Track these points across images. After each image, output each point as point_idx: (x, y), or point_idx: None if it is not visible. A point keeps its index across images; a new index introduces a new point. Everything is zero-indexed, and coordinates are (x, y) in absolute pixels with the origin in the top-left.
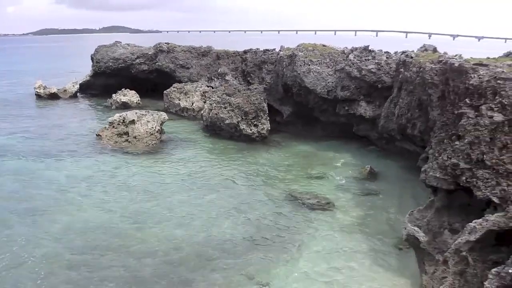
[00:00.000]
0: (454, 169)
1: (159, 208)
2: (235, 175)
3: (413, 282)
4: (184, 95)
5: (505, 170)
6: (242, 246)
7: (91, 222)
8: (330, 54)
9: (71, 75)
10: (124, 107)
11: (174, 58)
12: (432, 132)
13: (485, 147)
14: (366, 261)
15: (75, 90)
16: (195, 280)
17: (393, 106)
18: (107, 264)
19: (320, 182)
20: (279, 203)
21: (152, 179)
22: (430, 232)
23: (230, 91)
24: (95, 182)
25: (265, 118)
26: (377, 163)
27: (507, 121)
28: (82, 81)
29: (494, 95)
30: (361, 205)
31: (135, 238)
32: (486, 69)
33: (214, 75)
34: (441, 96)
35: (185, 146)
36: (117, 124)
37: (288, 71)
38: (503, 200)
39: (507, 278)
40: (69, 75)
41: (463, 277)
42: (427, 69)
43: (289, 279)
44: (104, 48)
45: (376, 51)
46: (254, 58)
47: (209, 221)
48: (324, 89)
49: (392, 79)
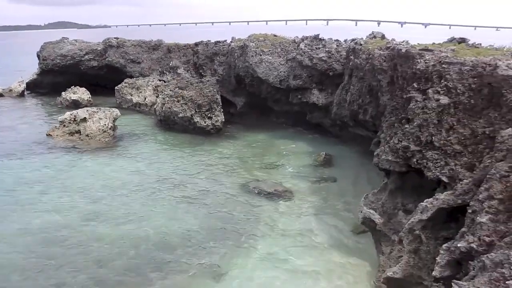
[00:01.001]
0: (405, 152)
1: (116, 205)
2: (191, 168)
3: (371, 263)
4: (136, 90)
5: (452, 150)
6: (201, 237)
7: (45, 224)
8: (281, 43)
9: (17, 73)
10: (75, 105)
11: (124, 53)
12: (383, 117)
13: (433, 129)
14: (325, 245)
15: (22, 89)
16: (156, 274)
17: (345, 93)
18: (64, 267)
19: (277, 171)
20: (237, 193)
21: (107, 177)
22: (385, 214)
23: (183, 85)
24: (47, 183)
25: (219, 110)
26: (332, 150)
27: (452, 103)
28: (29, 80)
29: (440, 79)
30: (318, 191)
31: (93, 238)
32: (431, 54)
33: (166, 69)
34: (390, 81)
35: (139, 141)
36: (68, 122)
37: (240, 62)
38: (451, 179)
39: (456, 252)
40: (15, 74)
41: (417, 255)
42: (376, 56)
43: (248, 267)
44: (50, 45)
45: (327, 40)
46: (205, 50)
47: (167, 215)
48: (277, 79)
49: (343, 67)
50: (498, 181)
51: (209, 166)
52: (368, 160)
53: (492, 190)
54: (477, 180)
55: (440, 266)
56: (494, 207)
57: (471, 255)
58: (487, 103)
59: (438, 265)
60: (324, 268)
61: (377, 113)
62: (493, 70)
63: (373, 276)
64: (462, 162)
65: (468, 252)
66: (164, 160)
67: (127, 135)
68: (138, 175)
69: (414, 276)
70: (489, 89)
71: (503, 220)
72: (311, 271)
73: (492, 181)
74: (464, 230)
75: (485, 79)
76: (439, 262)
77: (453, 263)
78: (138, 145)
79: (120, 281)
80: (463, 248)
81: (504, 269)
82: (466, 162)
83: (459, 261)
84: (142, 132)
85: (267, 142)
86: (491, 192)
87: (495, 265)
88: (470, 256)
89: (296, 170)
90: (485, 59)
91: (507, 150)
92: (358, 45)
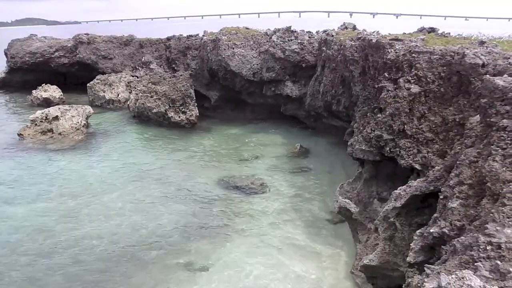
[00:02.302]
0: (378, 141)
1: (92, 204)
2: (166, 164)
3: (348, 252)
4: (108, 86)
5: (424, 138)
6: (179, 234)
7: (20, 225)
8: (253, 36)
9: None
10: (46, 103)
11: (96, 49)
12: (356, 107)
13: (405, 118)
14: (302, 236)
15: None
16: (134, 272)
17: (318, 84)
18: (42, 268)
19: (253, 163)
20: (213, 188)
21: (81, 175)
22: (361, 202)
23: (156, 80)
24: (20, 184)
25: (193, 104)
26: (307, 141)
27: (423, 92)
28: None
29: (410, 68)
30: (294, 183)
31: (69, 238)
32: (401, 43)
33: (138, 64)
34: (362, 71)
35: (113, 138)
36: (40, 121)
37: (213, 55)
38: (424, 167)
39: (429, 238)
40: None
41: (392, 242)
42: (348, 47)
43: (228, 262)
44: (18, 42)
45: (299, 31)
46: (178, 45)
47: (143, 212)
48: (250, 72)
49: (316, 58)
50: (467, 167)
51: (184, 161)
52: (342, 150)
53: (462, 175)
54: (448, 167)
55: (414, 252)
56: (464, 192)
57: (443, 239)
58: (456, 91)
59: (412, 251)
60: (301, 258)
61: (350, 103)
62: (461, 59)
63: (351, 265)
64: (434, 150)
65: (440, 237)
66: (138, 156)
67: (100, 132)
68: (112, 172)
69: (390, 262)
70: (458, 77)
71: (473, 205)
72: (288, 263)
73: (462, 167)
74: (436, 216)
75: (454, 67)
76: (413, 248)
77: (427, 248)
78: (112, 142)
79: (96, 279)
80: (435, 233)
81: (473, 252)
82: (438, 149)
83: (432, 246)
84: (116, 129)
85: (242, 135)
86: (461, 177)
87: (465, 248)
88: (442, 241)
89: (271, 162)
90: (454, 48)
91: (475, 136)
92: (330, 36)
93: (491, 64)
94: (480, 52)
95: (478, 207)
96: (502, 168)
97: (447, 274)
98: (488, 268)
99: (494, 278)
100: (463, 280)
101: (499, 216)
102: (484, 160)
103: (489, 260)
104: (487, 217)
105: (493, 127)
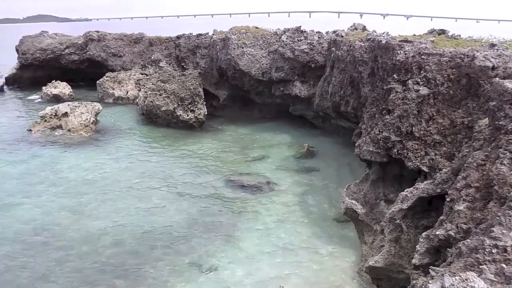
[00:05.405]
0: (386, 142)
1: (99, 200)
2: (174, 162)
3: (354, 253)
4: (118, 84)
5: (432, 140)
6: (187, 233)
7: (29, 220)
8: (263, 36)
9: None
10: (56, 100)
11: (106, 46)
12: (364, 108)
13: (413, 120)
14: (308, 236)
15: (1, 84)
16: (142, 270)
17: (327, 85)
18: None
19: (260, 163)
20: (221, 187)
21: (89, 172)
22: (367, 204)
23: (165, 78)
24: (29, 178)
25: (202, 103)
26: (314, 141)
27: (432, 93)
28: (8, 74)
29: (419, 69)
30: (301, 183)
31: (77, 233)
32: (411, 45)
33: (148, 62)
34: (371, 72)
35: (122, 136)
36: (49, 117)
37: (222, 54)
38: (431, 169)
39: (435, 240)
40: None
41: (398, 244)
42: (357, 47)
43: (235, 261)
44: (29, 39)
45: (308, 32)
46: (187, 43)
47: (151, 210)
48: (259, 71)
49: (325, 58)
50: (475, 170)
51: (192, 159)
52: (350, 151)
53: (469, 178)
54: (456, 169)
55: (420, 254)
56: (471, 195)
57: (449, 242)
58: (465, 94)
59: (418, 253)
60: (307, 258)
61: (359, 104)
62: (471, 61)
63: (356, 265)
64: (442, 152)
65: (446, 239)
66: (147, 154)
67: (109, 129)
68: (120, 170)
69: (396, 264)
70: (467, 80)
71: (480, 208)
72: (294, 261)
73: (469, 170)
74: (442, 218)
75: (463, 69)
76: (419, 250)
77: (432, 250)
78: (120, 139)
79: (103, 276)
80: (441, 236)
81: (479, 254)
82: (446, 151)
83: (438, 249)
84: (125, 126)
85: (250, 134)
86: (468, 180)
87: (470, 251)
88: (448, 244)
89: (279, 162)
90: (463, 50)
91: (484, 139)
92: (339, 37)
93: (501, 66)
94: (490, 54)
95: (485, 210)
96: (510, 171)
97: (451, 276)
98: (493, 271)
99: (499, 281)
100: (466, 282)
101: (505, 219)
102: (491, 163)
103: (494, 263)
104: (493, 220)
105: (502, 130)
